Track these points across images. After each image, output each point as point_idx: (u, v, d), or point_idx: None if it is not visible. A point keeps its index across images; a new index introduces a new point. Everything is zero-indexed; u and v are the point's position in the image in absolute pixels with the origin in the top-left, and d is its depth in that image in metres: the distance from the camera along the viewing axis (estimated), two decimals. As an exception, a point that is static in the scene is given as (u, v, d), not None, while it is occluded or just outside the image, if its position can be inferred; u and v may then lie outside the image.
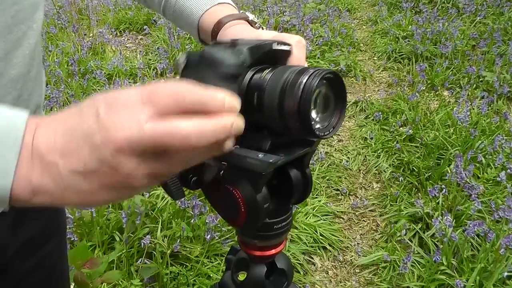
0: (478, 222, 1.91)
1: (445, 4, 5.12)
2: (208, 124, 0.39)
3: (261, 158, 0.49)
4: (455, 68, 3.77)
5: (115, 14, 5.24)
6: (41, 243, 0.84)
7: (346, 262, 2.25)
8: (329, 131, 0.50)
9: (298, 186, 0.57)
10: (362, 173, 2.88)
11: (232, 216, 0.55)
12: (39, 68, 0.69)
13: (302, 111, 0.46)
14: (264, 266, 0.62)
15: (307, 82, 0.46)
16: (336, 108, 0.51)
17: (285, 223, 0.58)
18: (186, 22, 0.77)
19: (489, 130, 2.82)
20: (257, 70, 0.52)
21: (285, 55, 0.56)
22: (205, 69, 0.49)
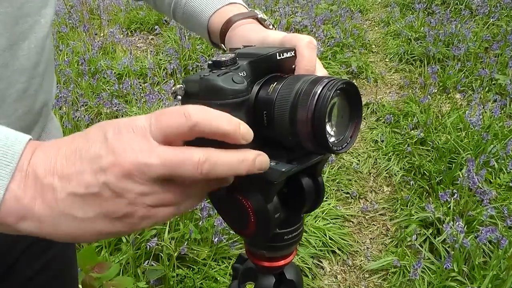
0: (491, 228, 1.87)
1: (458, 6, 5.06)
2: (225, 157, 0.37)
3: (273, 166, 0.48)
4: (468, 70, 3.72)
5: (126, 14, 5.25)
6: (48, 245, 0.82)
7: (355, 267, 2.22)
8: (344, 145, 0.48)
9: (310, 194, 0.55)
10: (373, 176, 2.85)
11: (241, 226, 0.53)
12: (48, 66, 0.68)
13: (316, 124, 0.44)
14: (272, 277, 0.60)
15: (322, 93, 0.43)
16: (351, 121, 0.49)
17: (296, 233, 0.56)
18: (196, 23, 0.75)
19: (501, 134, 2.78)
20: (263, 83, 0.50)
21: (291, 60, 0.54)
22: (205, 98, 0.46)
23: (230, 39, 0.68)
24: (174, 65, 3.79)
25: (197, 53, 4.14)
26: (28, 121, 0.66)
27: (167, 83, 3.64)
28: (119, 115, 3.24)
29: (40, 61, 0.64)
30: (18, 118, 0.62)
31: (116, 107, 3.23)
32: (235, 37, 0.67)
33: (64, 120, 2.96)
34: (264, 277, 0.60)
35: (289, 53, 0.53)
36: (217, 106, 0.45)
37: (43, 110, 0.69)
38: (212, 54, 4.06)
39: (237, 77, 0.46)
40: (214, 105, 0.45)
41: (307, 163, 0.51)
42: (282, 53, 0.52)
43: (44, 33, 0.63)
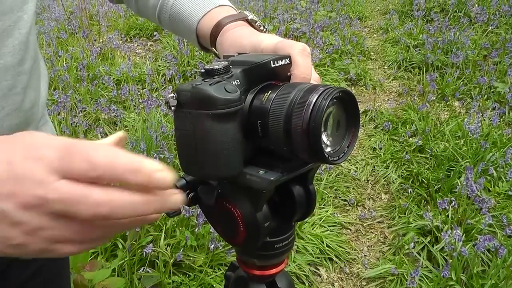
0: (489, 237, 1.86)
1: (456, 13, 5.07)
2: (128, 199, 0.36)
3: (262, 175, 0.47)
4: (466, 78, 3.73)
5: (125, 20, 5.26)
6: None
7: (353, 274, 2.21)
8: (341, 155, 0.47)
9: (301, 203, 0.55)
10: (371, 184, 2.84)
11: (230, 235, 0.53)
12: (35, 63, 0.67)
13: (311, 134, 0.43)
14: (263, 286, 0.59)
15: (317, 102, 0.42)
16: (348, 130, 0.48)
17: (287, 242, 0.55)
18: (183, 26, 0.73)
19: (500, 142, 2.77)
20: (258, 92, 0.49)
21: (286, 68, 0.53)
22: (198, 108, 0.45)
23: (221, 43, 0.66)
24: (173, 71, 3.79)
25: (195, 60, 4.15)
26: (20, 118, 0.64)
27: (166, 89, 3.64)
28: (117, 121, 3.24)
29: (25, 58, 0.63)
30: (6, 115, 0.61)
31: (114, 113, 3.22)
32: (226, 42, 0.65)
33: (62, 125, 2.95)
34: (255, 285, 0.60)
35: (284, 61, 0.52)
36: (209, 117, 0.45)
37: (34, 109, 0.68)
38: (211, 61, 4.07)
39: (229, 86, 0.45)
40: (206, 115, 0.45)
41: (297, 172, 0.50)
42: (276, 60, 0.51)
43: (27, 29, 0.62)
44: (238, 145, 0.47)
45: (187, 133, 0.47)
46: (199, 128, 0.45)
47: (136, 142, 2.64)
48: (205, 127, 0.45)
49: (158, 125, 2.88)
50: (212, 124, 0.45)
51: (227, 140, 0.46)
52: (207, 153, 0.46)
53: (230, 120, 0.45)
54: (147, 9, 0.79)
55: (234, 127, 0.46)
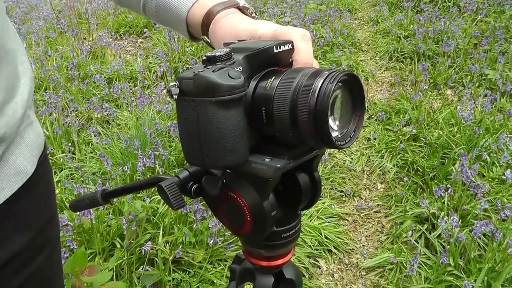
0: (485, 222, 1.88)
1: (446, 3, 5.09)
2: None
3: (268, 162, 0.47)
4: (458, 66, 3.75)
5: (114, 17, 5.22)
6: (30, 257, 0.77)
7: (352, 265, 2.22)
8: (348, 139, 0.46)
9: (307, 191, 0.54)
10: (366, 174, 2.85)
11: (236, 226, 0.52)
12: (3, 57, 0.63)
13: (318, 119, 0.42)
14: (271, 277, 0.59)
15: (323, 86, 0.42)
16: (354, 114, 0.47)
17: (294, 231, 0.55)
18: (171, 16, 0.70)
19: (493, 128, 2.79)
20: (261, 78, 0.48)
21: (289, 53, 0.52)
22: (201, 95, 0.44)
23: (214, 32, 0.64)
24: (164, 67, 3.77)
25: (186, 55, 4.13)
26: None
27: (158, 86, 3.62)
28: (110, 120, 3.22)
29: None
30: None
31: (107, 111, 3.20)
32: (220, 30, 0.63)
33: (54, 126, 2.93)
34: (263, 277, 0.59)
35: (287, 46, 0.51)
36: (213, 103, 0.44)
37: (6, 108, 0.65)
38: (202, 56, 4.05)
39: (233, 72, 0.45)
40: (210, 102, 0.44)
41: (303, 159, 0.50)
42: (279, 46, 0.50)
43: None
44: (243, 132, 0.46)
45: (190, 121, 0.46)
46: (203, 116, 0.45)
47: (130, 140, 2.62)
48: (209, 114, 0.44)
49: (151, 122, 2.86)
50: (217, 111, 0.44)
51: (231, 127, 0.45)
52: (211, 141, 0.46)
53: (235, 106, 0.45)
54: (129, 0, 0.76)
55: (238, 113, 0.45)
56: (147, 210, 2.09)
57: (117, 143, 2.77)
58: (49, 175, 0.84)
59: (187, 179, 0.52)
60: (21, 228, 0.74)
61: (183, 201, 0.51)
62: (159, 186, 0.50)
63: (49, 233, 0.82)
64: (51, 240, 0.83)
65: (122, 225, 1.97)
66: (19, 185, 0.70)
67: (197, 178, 0.53)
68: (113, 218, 2.14)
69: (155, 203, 2.22)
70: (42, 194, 0.79)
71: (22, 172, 0.71)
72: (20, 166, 0.70)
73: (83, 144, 2.94)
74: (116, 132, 2.92)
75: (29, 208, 0.75)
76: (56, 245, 0.86)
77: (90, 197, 0.68)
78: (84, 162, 2.71)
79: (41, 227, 0.79)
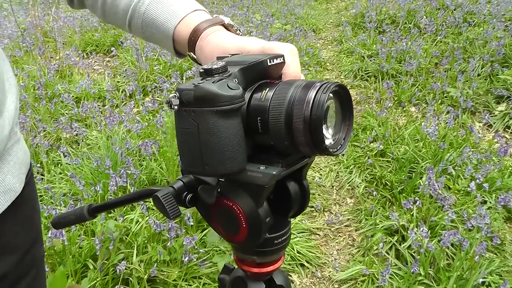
0: (453, 231, 1.95)
1: (407, 24, 5.30)
2: None
3: (263, 170, 0.49)
4: (420, 85, 3.89)
5: (81, 36, 5.18)
6: (17, 279, 0.76)
7: (325, 278, 2.24)
8: (338, 147, 0.49)
9: (297, 198, 0.57)
10: (336, 189, 2.90)
11: (232, 233, 0.53)
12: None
13: (313, 127, 0.45)
14: (262, 284, 0.60)
15: (316, 97, 0.45)
16: (344, 122, 0.50)
17: (285, 237, 0.57)
18: (158, 32, 0.72)
19: (456, 143, 2.91)
20: (255, 90, 0.51)
21: (280, 67, 0.55)
22: (202, 106, 0.46)
23: (202, 48, 0.66)
24: (133, 86, 3.76)
25: (155, 74, 4.13)
26: None
27: (127, 105, 3.60)
28: (79, 140, 3.17)
29: None
30: None
31: (76, 131, 3.16)
32: (208, 46, 0.65)
33: (21, 146, 2.85)
34: (254, 284, 0.60)
35: (279, 59, 0.54)
36: (214, 113, 0.46)
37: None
38: (170, 75, 4.05)
39: (232, 83, 0.47)
40: (211, 112, 0.46)
41: (295, 166, 0.52)
42: (272, 59, 0.52)
43: None
44: (241, 140, 0.48)
45: (190, 131, 0.48)
46: (203, 125, 0.47)
47: (100, 159, 2.59)
48: (210, 124, 0.46)
49: (122, 142, 2.84)
50: (217, 120, 0.46)
51: (231, 135, 0.47)
52: (212, 149, 0.47)
53: (234, 116, 0.47)
54: (116, 14, 0.77)
55: (237, 123, 0.47)
56: (120, 229, 2.07)
57: (87, 163, 2.73)
58: (34, 194, 0.83)
59: (182, 189, 0.53)
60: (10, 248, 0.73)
61: (179, 210, 0.52)
62: (155, 196, 0.51)
63: (36, 254, 0.81)
64: (37, 260, 0.82)
65: (95, 245, 1.94)
66: (8, 204, 0.70)
67: (191, 188, 0.54)
68: (85, 239, 2.10)
69: (127, 222, 2.19)
70: (29, 213, 0.79)
71: (11, 190, 0.70)
72: (9, 184, 0.70)
73: (52, 165, 2.88)
74: (86, 152, 2.88)
75: (17, 228, 0.74)
76: (41, 266, 0.85)
77: (75, 213, 0.68)
78: (53, 183, 2.66)
79: (28, 247, 0.78)
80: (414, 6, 5.71)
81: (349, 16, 6.36)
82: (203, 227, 2.29)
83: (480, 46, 4.30)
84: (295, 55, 0.57)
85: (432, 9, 5.60)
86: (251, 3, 7.31)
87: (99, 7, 0.79)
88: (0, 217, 0.68)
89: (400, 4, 5.82)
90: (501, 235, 2.18)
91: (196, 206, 0.55)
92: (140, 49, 4.43)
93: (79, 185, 2.21)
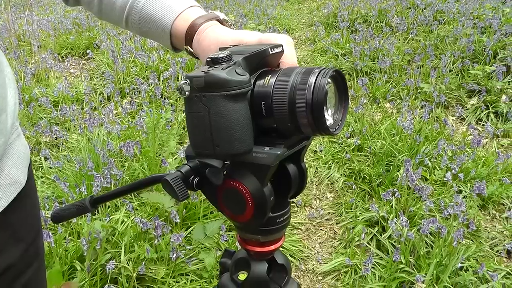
0: (432, 219, 2.03)
1: (379, 23, 5.42)
2: None
3: (268, 151, 0.52)
4: (395, 81, 3.99)
5: (55, 38, 5.11)
6: (21, 270, 0.78)
7: (308, 271, 2.29)
8: (337, 127, 0.53)
9: (295, 179, 0.60)
10: (315, 185, 2.96)
11: (238, 212, 0.57)
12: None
13: (315, 110, 0.49)
14: (265, 263, 0.64)
15: (317, 81, 0.49)
16: (340, 104, 0.55)
17: (286, 216, 0.60)
18: (155, 28, 0.74)
19: (431, 136, 3.01)
20: (258, 77, 0.54)
21: (279, 56, 0.59)
22: (212, 90, 0.50)
23: (199, 41, 0.69)
24: (111, 88, 3.75)
25: (132, 76, 4.12)
26: None
27: (105, 107, 3.58)
28: (59, 143, 3.15)
29: None
30: None
31: (56, 134, 3.13)
32: (206, 40, 0.68)
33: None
34: (257, 263, 0.64)
35: (279, 49, 0.58)
36: (224, 97, 0.50)
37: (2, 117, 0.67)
38: (147, 77, 4.05)
39: (239, 69, 0.51)
40: (221, 96, 0.50)
41: (295, 148, 0.56)
42: (273, 48, 0.57)
43: None
44: (249, 122, 0.52)
45: (201, 115, 0.51)
46: (214, 109, 0.50)
47: (82, 162, 2.59)
48: (220, 107, 0.50)
49: (104, 143, 2.84)
50: (227, 104, 0.50)
51: (240, 118, 0.51)
52: (222, 131, 0.51)
53: (242, 99, 0.51)
54: (112, 11, 0.79)
55: (245, 106, 0.51)
56: (106, 229, 2.08)
57: (68, 166, 2.72)
58: (35, 188, 0.85)
59: (189, 173, 0.56)
60: (16, 240, 0.75)
61: (187, 193, 0.55)
62: (165, 180, 0.54)
63: (38, 246, 0.83)
64: (39, 253, 0.84)
65: (82, 246, 1.95)
66: (14, 196, 0.72)
67: (197, 172, 0.57)
68: (71, 240, 2.10)
69: (113, 222, 2.20)
70: (32, 206, 0.81)
71: (16, 183, 0.72)
72: (14, 176, 0.72)
73: (33, 169, 2.85)
74: (67, 155, 2.86)
75: (22, 220, 0.76)
76: (42, 258, 0.87)
77: (77, 205, 0.70)
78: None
79: (32, 240, 0.80)
80: (385, 6, 5.84)
81: (321, 16, 6.46)
82: (187, 225, 2.31)
83: (450, 43, 4.45)
84: (292, 45, 0.61)
85: (403, 8, 5.74)
86: (224, 4, 7.35)
87: (96, 4, 0.81)
88: (7, 208, 0.70)
89: (371, 4, 5.95)
90: (476, 222, 2.28)
91: (202, 189, 0.58)
92: (116, 51, 4.41)
93: (64, 187, 2.21)
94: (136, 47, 4.61)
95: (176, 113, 3.48)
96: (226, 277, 0.69)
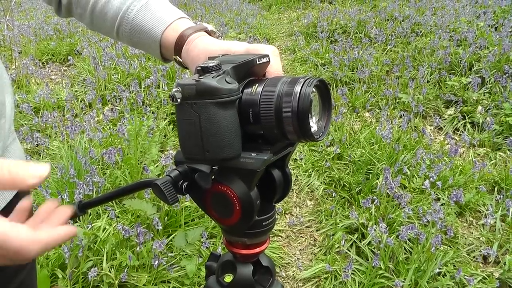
0: (411, 225, 2.08)
1: (357, 34, 5.52)
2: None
3: (255, 156, 0.55)
4: (373, 91, 4.07)
5: (36, 44, 5.06)
6: (15, 272, 0.80)
7: (289, 278, 2.31)
8: (320, 134, 0.56)
9: (280, 184, 0.63)
10: (295, 192, 2.99)
11: (226, 215, 0.59)
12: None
13: (301, 118, 0.51)
14: (250, 265, 0.66)
15: (302, 90, 0.52)
16: (324, 112, 0.58)
17: (271, 220, 0.63)
18: (145, 38, 0.76)
19: (410, 145, 3.08)
20: (245, 85, 0.57)
21: (265, 65, 0.62)
22: (203, 98, 0.52)
23: (188, 51, 0.70)
24: (92, 95, 3.73)
25: (113, 83, 4.11)
26: None
27: (87, 114, 3.57)
28: (40, 150, 3.12)
29: None
30: None
31: (37, 141, 3.11)
32: (195, 50, 0.69)
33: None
34: (243, 266, 0.66)
35: (265, 59, 0.61)
36: (214, 104, 0.53)
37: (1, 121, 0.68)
38: (129, 84, 4.05)
39: (228, 78, 0.54)
40: (211, 103, 0.53)
41: (281, 154, 0.59)
42: (260, 58, 0.59)
43: None
44: (237, 129, 0.55)
45: (192, 121, 0.54)
46: (204, 115, 0.53)
47: (64, 169, 2.58)
48: (210, 114, 0.53)
49: (86, 150, 2.83)
50: (217, 111, 0.52)
51: (229, 124, 0.53)
52: (212, 137, 0.53)
53: (231, 107, 0.53)
54: (104, 22, 0.81)
55: (234, 113, 0.54)
56: (88, 237, 2.07)
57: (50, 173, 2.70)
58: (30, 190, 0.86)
59: (178, 178, 0.58)
60: None
61: (177, 197, 0.57)
62: (155, 184, 0.56)
63: None
64: None
65: (64, 254, 1.94)
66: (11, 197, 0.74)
67: (187, 177, 0.59)
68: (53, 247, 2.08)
69: (95, 230, 2.19)
70: None
71: None
72: None
73: (12, 175, 2.82)
74: (48, 162, 2.84)
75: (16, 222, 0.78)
76: (34, 260, 0.88)
77: None
78: (14, 193, 2.61)
79: None
80: (364, 17, 5.95)
81: (301, 26, 6.54)
82: (169, 232, 2.32)
83: (428, 54, 4.56)
84: (277, 55, 0.64)
85: (381, 20, 5.86)
86: (205, 12, 7.38)
87: (87, 16, 0.83)
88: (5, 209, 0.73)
89: (350, 15, 6.05)
90: (454, 228, 2.34)
91: (191, 193, 0.60)
92: (98, 58, 4.40)
93: (46, 195, 2.20)
94: (118, 54, 4.60)
95: (157, 121, 3.48)
96: (212, 280, 0.70)
